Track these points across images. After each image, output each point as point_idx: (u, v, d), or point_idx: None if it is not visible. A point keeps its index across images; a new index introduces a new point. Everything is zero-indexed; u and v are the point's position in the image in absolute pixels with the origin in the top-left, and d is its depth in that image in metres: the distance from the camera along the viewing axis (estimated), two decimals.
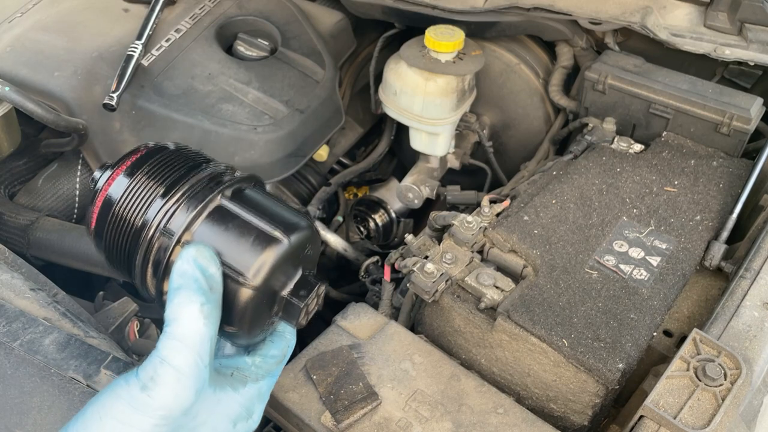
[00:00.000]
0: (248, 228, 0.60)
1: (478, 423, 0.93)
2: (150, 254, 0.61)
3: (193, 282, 0.57)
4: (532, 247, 1.14)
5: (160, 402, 0.54)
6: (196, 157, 0.65)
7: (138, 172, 0.62)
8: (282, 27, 1.63)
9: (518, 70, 1.75)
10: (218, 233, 0.60)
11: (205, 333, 0.57)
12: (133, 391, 0.55)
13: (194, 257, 0.58)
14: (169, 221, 0.60)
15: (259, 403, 0.64)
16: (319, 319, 1.68)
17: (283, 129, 1.43)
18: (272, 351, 0.66)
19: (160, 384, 0.55)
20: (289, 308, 0.64)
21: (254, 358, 0.65)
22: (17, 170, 1.47)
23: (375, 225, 1.88)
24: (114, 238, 0.62)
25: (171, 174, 0.62)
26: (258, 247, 0.59)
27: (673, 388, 0.89)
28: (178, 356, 0.55)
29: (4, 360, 0.85)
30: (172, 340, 0.56)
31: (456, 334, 1.09)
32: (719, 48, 1.47)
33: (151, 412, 0.54)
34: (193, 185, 0.61)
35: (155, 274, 0.61)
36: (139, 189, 0.61)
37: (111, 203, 0.62)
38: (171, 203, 0.60)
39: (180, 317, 0.56)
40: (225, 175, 0.64)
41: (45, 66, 1.38)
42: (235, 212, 0.61)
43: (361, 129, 1.94)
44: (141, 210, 0.61)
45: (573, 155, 1.43)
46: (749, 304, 1.02)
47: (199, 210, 0.60)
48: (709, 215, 1.23)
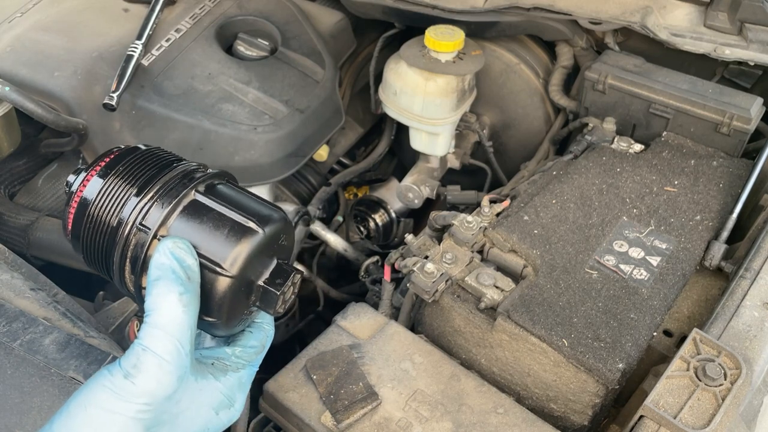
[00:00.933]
0: (223, 220, 0.62)
1: (478, 423, 0.93)
2: (127, 251, 0.62)
3: (171, 273, 0.58)
4: (532, 247, 1.14)
5: (142, 388, 0.56)
6: (167, 156, 0.67)
7: (111, 172, 0.63)
8: (282, 27, 1.63)
9: (518, 70, 1.75)
10: (193, 226, 0.61)
11: (184, 321, 0.58)
12: (116, 380, 0.56)
13: (171, 249, 0.59)
14: (144, 218, 0.61)
15: (241, 393, 0.66)
16: (319, 319, 1.69)
17: (283, 129, 1.43)
18: (251, 342, 0.68)
19: (143, 371, 0.56)
20: (266, 296, 0.65)
21: (234, 348, 0.66)
22: (17, 170, 1.47)
23: (375, 225, 1.88)
24: (91, 238, 0.63)
25: (144, 173, 0.63)
26: (233, 238, 0.61)
27: (673, 388, 0.89)
28: (159, 344, 0.57)
29: (4, 360, 0.85)
30: (153, 329, 0.57)
31: (456, 334, 1.09)
32: (719, 48, 1.47)
33: (135, 399, 0.56)
34: (167, 182, 0.63)
35: (133, 271, 0.62)
36: (113, 189, 0.62)
37: (86, 204, 0.63)
38: (145, 200, 0.62)
39: (159, 306, 0.58)
40: (197, 171, 0.65)
41: (45, 66, 1.38)
42: (210, 206, 0.62)
43: (361, 129, 1.94)
44: (116, 209, 0.62)
45: (573, 155, 1.43)
46: (749, 304, 1.02)
47: (173, 205, 0.61)
48: (709, 215, 1.23)
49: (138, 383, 0.56)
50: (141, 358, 0.56)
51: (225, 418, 0.64)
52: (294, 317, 1.62)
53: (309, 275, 1.66)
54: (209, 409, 0.62)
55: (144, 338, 0.57)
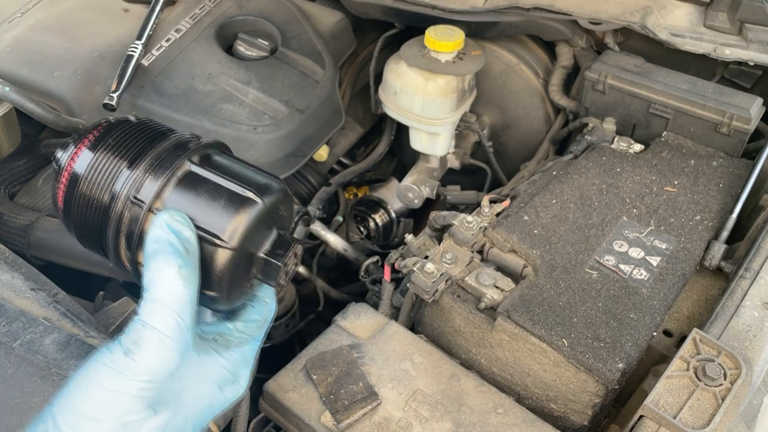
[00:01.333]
0: (220, 191, 0.59)
1: (478, 423, 0.93)
2: (122, 226, 0.60)
3: (168, 246, 0.56)
4: (532, 247, 1.14)
5: (144, 365, 0.54)
6: (159, 127, 0.64)
7: (101, 145, 0.60)
8: (282, 27, 1.63)
9: (518, 70, 1.75)
10: (189, 198, 0.59)
11: (184, 295, 0.56)
12: (117, 357, 0.54)
13: (167, 222, 0.57)
14: (138, 191, 0.59)
15: (245, 368, 0.64)
16: (319, 319, 1.69)
17: (283, 129, 1.43)
18: (253, 316, 0.65)
19: (144, 347, 0.54)
20: (267, 268, 0.63)
21: (236, 323, 0.64)
22: (17, 170, 1.47)
23: (375, 225, 1.88)
24: (83, 214, 0.61)
25: (136, 144, 0.60)
26: (231, 209, 0.59)
27: (673, 387, 0.89)
28: (159, 318, 0.55)
29: (4, 360, 0.85)
30: (152, 303, 0.55)
31: (456, 334, 1.09)
32: (719, 48, 1.47)
33: (137, 376, 0.54)
34: (160, 153, 0.60)
35: (128, 247, 0.60)
36: (104, 162, 0.60)
37: (76, 179, 0.60)
38: (138, 173, 0.59)
39: (158, 281, 0.56)
40: (191, 142, 0.63)
41: (45, 66, 1.38)
42: (205, 176, 0.60)
43: (361, 129, 1.94)
44: (108, 183, 0.59)
45: (573, 155, 1.43)
46: (749, 304, 1.02)
47: (167, 176, 0.59)
48: (709, 215, 1.23)
49: (139, 360, 0.54)
50: (141, 334, 0.54)
51: (230, 394, 0.62)
52: (294, 317, 1.62)
53: (309, 275, 1.66)
54: (213, 386, 0.60)
55: (143, 314, 0.55)
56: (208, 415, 0.61)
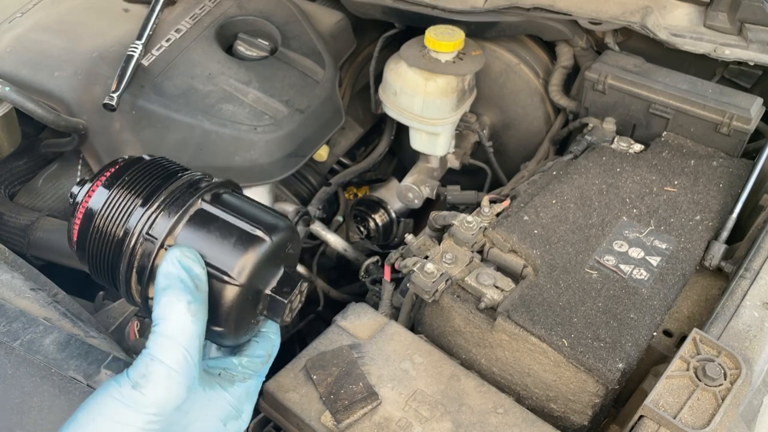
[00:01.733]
0: (230, 229, 0.61)
1: (478, 423, 0.93)
2: (134, 261, 0.62)
3: (179, 282, 0.58)
4: (532, 247, 1.14)
5: (152, 399, 0.55)
6: (171, 166, 0.67)
7: (117, 183, 0.63)
8: (282, 27, 1.63)
9: (518, 70, 1.75)
10: (201, 236, 0.61)
11: (193, 330, 0.57)
12: (125, 390, 0.55)
13: (178, 258, 0.59)
14: (151, 227, 0.61)
15: (248, 403, 0.65)
16: (319, 319, 1.69)
17: (283, 129, 1.43)
18: (258, 351, 0.67)
19: (152, 381, 0.55)
20: (273, 305, 0.65)
21: (241, 358, 0.66)
22: (17, 170, 1.47)
23: (375, 225, 1.88)
24: (97, 248, 0.63)
25: (150, 183, 0.63)
26: (241, 247, 0.60)
27: (672, 387, 0.89)
28: (168, 353, 0.56)
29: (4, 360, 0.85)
30: (162, 338, 0.57)
31: (456, 334, 1.09)
32: (719, 48, 1.47)
33: (144, 409, 0.55)
34: (173, 191, 0.62)
35: (140, 281, 0.62)
36: (119, 199, 0.62)
37: (92, 215, 0.63)
38: (152, 210, 0.61)
39: (167, 316, 0.57)
40: (202, 181, 0.65)
41: (45, 66, 1.38)
42: (216, 214, 0.62)
43: (361, 129, 1.94)
44: (122, 219, 0.62)
45: (573, 155, 1.43)
46: (749, 304, 1.02)
47: (180, 214, 0.61)
48: (709, 215, 1.23)
49: (147, 393, 0.55)
50: (150, 368, 0.56)
51: (232, 429, 0.64)
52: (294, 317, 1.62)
53: (309, 275, 1.66)
54: (217, 420, 0.62)
55: (153, 348, 0.57)
56: None
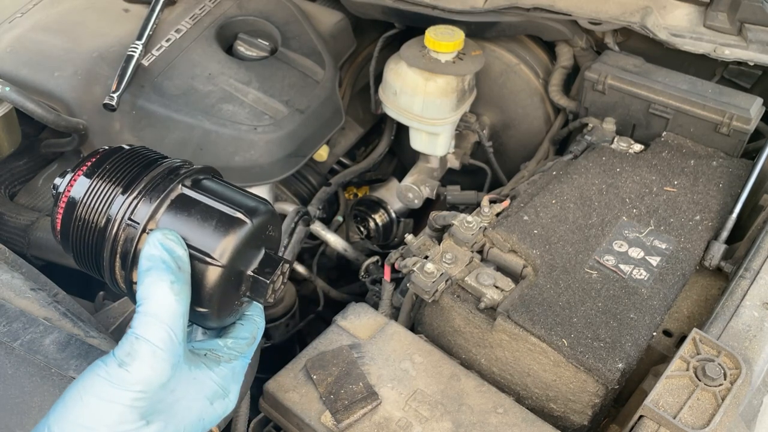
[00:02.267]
0: (211, 212, 0.63)
1: (478, 423, 0.93)
2: (117, 247, 0.63)
3: (161, 263, 0.59)
4: (532, 247, 1.14)
5: (137, 376, 0.56)
6: (151, 154, 0.68)
7: (97, 172, 0.64)
8: (282, 27, 1.63)
9: (518, 70, 1.75)
10: (182, 219, 0.62)
11: (176, 309, 0.59)
12: (111, 369, 0.56)
13: (160, 240, 0.60)
14: (132, 213, 0.62)
15: (234, 383, 0.66)
16: (319, 319, 1.69)
17: (283, 129, 1.43)
18: (242, 333, 0.68)
19: (137, 359, 0.56)
20: (256, 286, 0.66)
21: (226, 340, 0.67)
22: (17, 170, 1.47)
23: (375, 225, 1.88)
24: (80, 236, 0.64)
25: (130, 170, 0.64)
26: (222, 229, 0.62)
27: (672, 387, 0.89)
28: (152, 331, 0.57)
29: (4, 360, 0.85)
30: (145, 317, 0.58)
31: (456, 333, 1.09)
32: (719, 48, 1.47)
33: (130, 387, 0.56)
34: (153, 178, 0.64)
35: (123, 266, 0.63)
36: (100, 187, 0.63)
37: (74, 204, 0.64)
38: (133, 197, 0.62)
39: (151, 295, 0.58)
40: (182, 168, 0.66)
41: (45, 66, 1.38)
42: (197, 198, 0.63)
43: (361, 129, 1.95)
44: (104, 207, 0.63)
45: (573, 155, 1.44)
46: (749, 303, 1.02)
47: (161, 199, 0.63)
48: (709, 215, 1.23)
49: (133, 371, 0.56)
50: (134, 346, 0.57)
51: (220, 408, 0.65)
52: (294, 317, 1.62)
53: (309, 275, 1.67)
54: (204, 399, 0.63)
55: (137, 327, 0.58)
56: (199, 428, 0.63)
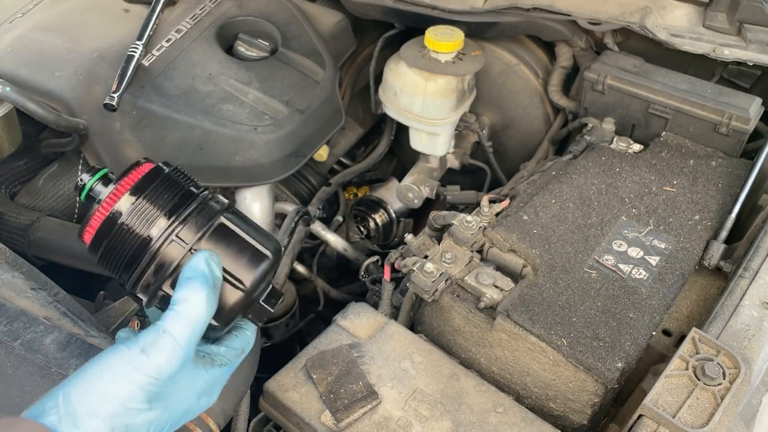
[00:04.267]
0: (245, 245, 0.74)
1: (478, 422, 0.94)
2: (156, 257, 0.71)
3: (203, 277, 0.68)
4: (532, 246, 1.14)
5: (155, 364, 0.64)
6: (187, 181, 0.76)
7: (144, 193, 0.72)
8: (282, 27, 1.63)
9: (518, 71, 1.75)
10: (222, 247, 0.73)
11: (204, 317, 0.68)
12: (133, 353, 0.64)
13: (206, 258, 0.70)
14: (179, 232, 0.71)
15: (218, 386, 0.75)
16: (319, 319, 1.69)
17: (284, 129, 1.43)
18: (235, 344, 0.76)
19: (159, 350, 0.64)
20: (260, 312, 0.78)
21: (220, 347, 0.75)
22: (18, 170, 1.47)
23: (375, 225, 1.88)
24: (119, 241, 0.71)
25: (174, 194, 0.73)
26: (254, 261, 0.74)
27: (672, 387, 0.89)
28: (179, 330, 0.66)
29: (5, 359, 0.85)
30: (178, 315, 0.66)
31: (455, 333, 1.10)
32: (718, 48, 1.47)
33: (147, 371, 0.64)
34: (199, 204, 0.74)
35: (156, 273, 0.71)
36: (146, 206, 0.71)
37: (118, 214, 0.71)
38: (180, 219, 0.72)
39: (188, 299, 0.67)
40: (213, 199, 0.76)
41: (46, 66, 1.38)
42: (234, 230, 0.75)
43: (361, 129, 1.95)
44: (149, 223, 0.71)
45: (572, 155, 1.44)
46: (748, 303, 1.02)
47: (208, 226, 0.73)
48: (708, 215, 1.23)
49: (152, 359, 0.64)
50: (160, 338, 0.65)
51: (203, 404, 0.72)
52: (294, 317, 1.62)
53: (309, 275, 1.67)
54: (194, 394, 0.70)
55: (168, 322, 0.66)
56: (184, 419, 0.70)
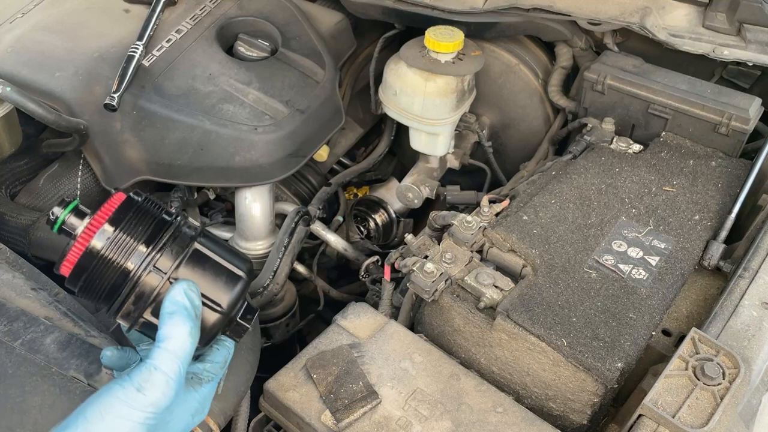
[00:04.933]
0: (220, 268, 0.77)
1: (478, 422, 0.94)
2: (136, 288, 0.74)
3: (183, 309, 0.72)
4: (532, 246, 1.14)
5: (151, 399, 0.69)
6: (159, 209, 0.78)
7: (121, 223, 0.74)
8: (282, 27, 1.63)
9: (517, 71, 1.75)
10: (198, 273, 0.76)
11: (189, 350, 0.72)
12: (129, 392, 0.68)
13: (185, 290, 0.73)
14: (156, 262, 0.74)
15: (209, 401, 0.80)
16: (319, 319, 1.69)
17: (284, 129, 1.43)
18: (217, 358, 0.81)
19: (153, 386, 0.69)
20: (237, 328, 0.82)
21: (204, 364, 0.80)
22: (18, 170, 1.48)
23: (375, 225, 1.89)
24: (98, 274, 0.73)
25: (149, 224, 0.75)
26: (230, 284, 0.77)
27: (671, 387, 0.89)
28: (169, 366, 0.70)
29: (5, 359, 0.85)
30: (166, 353, 0.71)
31: (455, 333, 1.10)
32: (718, 48, 1.47)
33: (144, 408, 0.68)
34: (172, 234, 0.76)
35: (135, 303, 0.74)
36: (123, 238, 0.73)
37: (96, 248, 0.73)
38: (157, 249, 0.74)
39: (173, 336, 0.71)
40: (186, 225, 0.78)
41: (46, 66, 1.39)
42: (208, 255, 0.78)
43: (361, 129, 1.95)
44: (127, 253, 0.73)
45: (572, 155, 1.44)
46: (747, 303, 1.03)
47: (184, 255, 0.75)
48: (708, 215, 1.23)
49: (148, 395, 0.69)
50: (152, 376, 0.69)
51: (197, 420, 0.78)
52: (294, 317, 1.62)
53: (309, 275, 1.67)
54: (188, 415, 0.76)
55: (157, 360, 0.70)
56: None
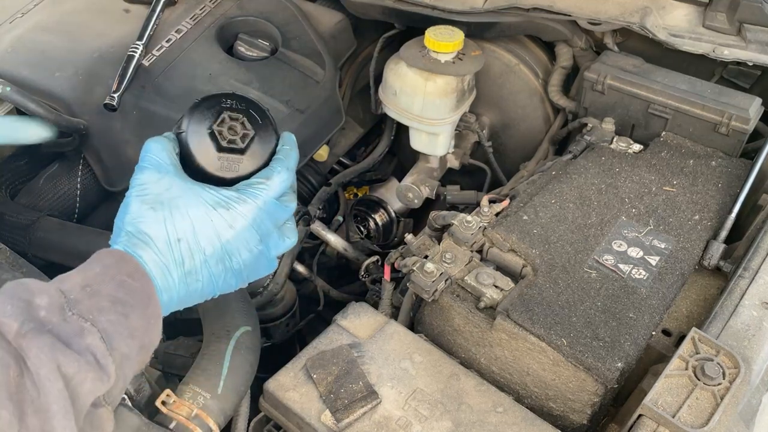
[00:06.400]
0: None
1: (478, 422, 0.94)
2: None
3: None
4: (532, 246, 1.14)
5: (139, 179, 0.79)
6: None
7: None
8: (282, 27, 1.63)
9: (518, 71, 1.75)
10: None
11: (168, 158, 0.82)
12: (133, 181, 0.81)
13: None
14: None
15: (242, 199, 0.80)
16: (319, 319, 1.69)
17: (284, 129, 1.43)
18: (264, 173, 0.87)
19: (143, 169, 0.80)
20: (215, 137, 0.87)
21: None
22: (18, 170, 1.47)
23: (375, 225, 1.89)
24: None
25: None
26: None
27: (671, 387, 0.89)
28: (157, 156, 0.82)
29: None
30: (153, 148, 0.84)
31: (455, 333, 1.10)
32: (718, 48, 1.47)
33: (136, 184, 0.79)
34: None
35: None
36: None
37: None
38: None
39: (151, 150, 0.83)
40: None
41: (46, 66, 1.39)
42: None
43: (361, 129, 1.95)
44: None
45: (572, 155, 1.44)
46: (748, 303, 1.03)
47: None
48: (708, 215, 1.23)
49: (138, 175, 0.79)
50: (142, 164, 0.81)
51: (225, 214, 0.78)
52: (294, 317, 1.62)
53: (309, 275, 1.67)
54: (205, 204, 0.77)
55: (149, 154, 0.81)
56: (207, 222, 0.77)
